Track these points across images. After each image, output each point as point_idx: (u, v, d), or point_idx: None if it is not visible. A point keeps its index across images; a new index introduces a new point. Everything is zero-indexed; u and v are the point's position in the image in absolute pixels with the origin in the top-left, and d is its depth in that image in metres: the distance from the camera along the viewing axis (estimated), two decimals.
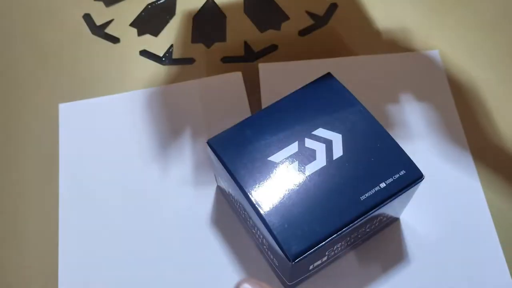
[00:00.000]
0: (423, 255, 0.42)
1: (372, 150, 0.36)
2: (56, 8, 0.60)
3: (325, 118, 0.37)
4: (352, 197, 0.34)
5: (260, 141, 0.36)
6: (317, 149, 0.36)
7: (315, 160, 0.35)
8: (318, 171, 0.35)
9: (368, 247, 0.42)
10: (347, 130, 0.37)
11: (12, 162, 0.49)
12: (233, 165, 0.36)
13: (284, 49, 0.56)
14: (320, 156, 0.35)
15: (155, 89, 0.52)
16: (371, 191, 0.34)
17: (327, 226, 0.33)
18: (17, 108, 0.52)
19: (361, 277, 0.41)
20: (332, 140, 0.36)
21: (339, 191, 0.34)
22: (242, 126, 0.38)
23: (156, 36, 0.57)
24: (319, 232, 0.33)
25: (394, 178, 0.35)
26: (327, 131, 0.36)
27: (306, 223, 0.33)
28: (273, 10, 0.59)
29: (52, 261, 0.44)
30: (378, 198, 0.34)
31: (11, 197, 0.47)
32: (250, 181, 0.35)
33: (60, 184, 0.47)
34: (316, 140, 0.36)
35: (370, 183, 0.34)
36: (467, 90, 0.52)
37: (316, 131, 0.37)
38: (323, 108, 0.38)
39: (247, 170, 0.35)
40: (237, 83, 0.52)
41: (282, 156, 0.36)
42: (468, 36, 0.56)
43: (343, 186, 0.34)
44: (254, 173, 0.35)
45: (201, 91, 0.52)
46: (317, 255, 0.34)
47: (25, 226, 0.45)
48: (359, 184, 0.34)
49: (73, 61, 0.55)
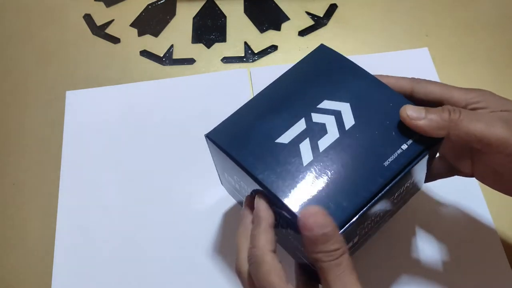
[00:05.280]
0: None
1: (385, 113, 0.33)
2: (56, 9, 0.60)
3: (328, 89, 0.34)
4: (375, 164, 0.31)
5: (263, 125, 0.33)
6: (326, 122, 0.33)
7: (327, 133, 0.32)
8: (332, 144, 0.32)
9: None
10: (353, 97, 0.34)
11: (14, 153, 0.49)
12: (240, 155, 0.32)
13: (284, 49, 0.56)
14: (331, 128, 0.33)
15: (161, 81, 0.53)
16: (393, 155, 0.31)
17: (355, 201, 0.30)
18: (17, 106, 0.52)
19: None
20: (340, 111, 0.33)
21: (359, 161, 0.31)
22: (240, 113, 0.35)
23: (156, 36, 0.58)
24: (348, 208, 0.30)
25: (415, 138, 0.32)
26: (333, 102, 0.34)
27: (332, 201, 0.30)
28: (273, 10, 0.60)
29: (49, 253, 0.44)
30: (402, 161, 0.31)
31: (12, 188, 0.47)
32: (262, 169, 0.31)
33: (61, 173, 0.47)
34: (323, 113, 0.33)
35: (391, 147, 0.32)
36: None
37: (321, 104, 0.34)
38: (323, 79, 0.35)
39: (256, 157, 0.32)
40: (242, 79, 0.53)
41: (290, 136, 0.32)
42: (467, 37, 0.56)
43: (362, 155, 0.31)
44: (264, 159, 0.32)
45: (206, 86, 0.52)
46: (349, 234, 0.31)
47: (24, 221, 0.46)
48: (379, 150, 0.32)
49: (73, 61, 0.56)
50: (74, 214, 0.45)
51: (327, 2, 0.60)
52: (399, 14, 0.58)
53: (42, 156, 0.49)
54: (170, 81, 0.53)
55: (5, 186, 0.48)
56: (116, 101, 0.52)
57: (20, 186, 0.48)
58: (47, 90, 0.53)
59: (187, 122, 0.50)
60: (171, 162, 0.48)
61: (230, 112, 0.35)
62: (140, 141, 0.49)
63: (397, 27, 0.57)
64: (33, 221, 0.46)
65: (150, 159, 0.48)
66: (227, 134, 0.34)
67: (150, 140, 0.49)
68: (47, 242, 0.44)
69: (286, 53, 0.56)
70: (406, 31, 0.57)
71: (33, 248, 0.44)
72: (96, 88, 0.53)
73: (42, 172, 0.48)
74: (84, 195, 0.46)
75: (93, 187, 0.47)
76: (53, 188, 0.47)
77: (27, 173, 0.48)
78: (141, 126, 0.50)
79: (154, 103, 0.52)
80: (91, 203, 0.46)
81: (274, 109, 0.34)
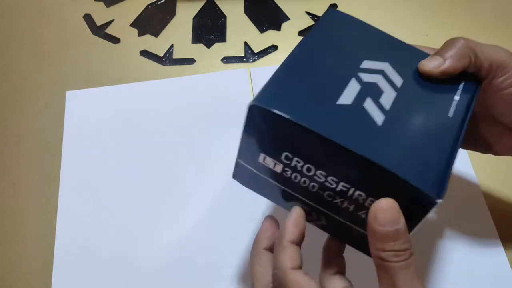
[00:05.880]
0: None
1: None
2: (56, 9, 0.60)
3: (361, 50, 0.32)
4: (440, 115, 0.30)
5: (315, 86, 0.29)
6: (377, 82, 0.31)
7: (384, 92, 0.30)
8: (394, 102, 0.30)
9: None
10: (389, 56, 0.33)
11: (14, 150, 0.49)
12: (311, 122, 0.27)
13: (284, 49, 0.56)
14: (385, 87, 0.31)
15: (161, 81, 0.53)
16: (451, 106, 0.31)
17: (444, 150, 0.28)
18: (17, 105, 0.52)
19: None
20: (383, 70, 0.32)
21: (425, 115, 0.30)
22: (282, 76, 0.30)
23: (156, 36, 0.58)
24: (441, 158, 0.28)
25: (460, 88, 0.32)
26: (373, 62, 0.32)
27: (424, 155, 0.28)
28: (273, 10, 0.60)
29: (49, 250, 0.44)
30: (461, 110, 0.31)
31: (11, 185, 0.47)
32: (343, 134, 0.27)
33: (61, 173, 0.47)
34: (370, 72, 0.31)
35: (445, 99, 0.31)
36: None
37: (363, 64, 0.31)
38: (349, 41, 0.33)
39: (329, 123, 0.27)
40: (242, 79, 0.53)
41: (350, 96, 0.29)
42: (467, 36, 0.56)
43: (425, 110, 0.30)
44: (339, 123, 0.28)
45: (206, 86, 0.52)
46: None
47: (24, 221, 0.46)
48: (437, 103, 0.31)
49: (73, 61, 0.56)
50: (74, 214, 0.45)
51: (327, 2, 0.60)
52: (399, 14, 0.58)
53: (42, 156, 0.49)
54: (170, 81, 0.53)
55: (5, 186, 0.48)
56: (116, 101, 0.52)
57: (20, 186, 0.48)
58: (47, 90, 0.53)
59: (187, 122, 0.50)
60: (171, 162, 0.48)
61: (230, 112, 0.34)
62: (140, 141, 0.49)
63: (397, 27, 0.57)
64: (33, 221, 0.46)
65: (150, 159, 0.48)
66: (279, 99, 0.28)
67: (149, 140, 0.49)
68: (47, 242, 0.44)
69: (286, 53, 0.55)
70: (406, 31, 0.57)
71: (33, 248, 0.44)
72: (96, 88, 0.53)
73: (42, 172, 0.48)
74: (84, 195, 0.46)
75: (93, 187, 0.47)
76: (53, 188, 0.47)
77: (27, 173, 0.48)
78: (141, 126, 0.50)
79: (154, 103, 0.52)
80: (91, 203, 0.46)
81: (318, 71, 0.30)
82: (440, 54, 0.32)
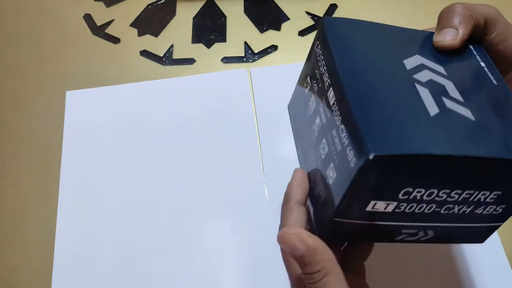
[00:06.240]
0: None
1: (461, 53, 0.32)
2: (56, 9, 0.60)
3: (391, 52, 0.31)
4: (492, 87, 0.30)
5: (395, 108, 0.27)
6: (431, 78, 0.30)
7: (444, 85, 0.29)
8: (459, 91, 0.29)
9: None
10: (411, 47, 0.32)
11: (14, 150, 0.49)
12: (436, 147, 0.25)
13: (284, 49, 0.56)
14: (439, 79, 0.30)
15: (161, 81, 0.53)
16: (487, 73, 0.31)
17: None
18: (17, 105, 0.52)
19: None
20: (422, 63, 0.31)
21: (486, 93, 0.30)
22: (361, 111, 0.26)
23: (156, 36, 0.58)
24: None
25: (474, 52, 0.32)
26: (408, 59, 0.31)
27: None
28: (273, 10, 0.60)
29: (50, 250, 0.44)
30: (495, 73, 0.31)
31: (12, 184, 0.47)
32: (467, 145, 0.26)
33: (61, 173, 0.47)
34: (418, 71, 0.30)
35: (478, 69, 0.31)
36: None
37: (406, 66, 0.30)
38: (373, 47, 0.31)
39: (448, 140, 0.26)
40: (242, 79, 0.53)
41: (432, 104, 0.28)
42: None
43: (481, 87, 0.30)
44: (455, 135, 0.26)
45: (206, 86, 0.52)
46: None
47: (24, 221, 0.46)
48: (480, 76, 0.31)
49: (73, 61, 0.56)
50: (74, 214, 0.45)
51: (327, 2, 0.60)
52: (399, 14, 0.58)
53: (42, 156, 0.49)
54: (170, 81, 0.53)
55: (5, 186, 0.48)
56: (116, 101, 0.52)
57: (20, 186, 0.48)
58: (47, 90, 0.53)
59: (187, 122, 0.50)
60: (171, 161, 0.48)
61: (230, 112, 0.34)
62: (140, 140, 0.49)
63: (398, 24, 0.57)
64: (33, 221, 0.46)
65: (150, 159, 0.48)
66: (397, 137, 0.25)
67: (149, 140, 0.49)
68: (47, 242, 0.44)
69: (286, 53, 0.56)
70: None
71: (33, 248, 0.44)
72: (96, 88, 0.53)
73: (42, 172, 0.48)
74: (84, 195, 0.46)
75: (93, 186, 0.47)
76: (53, 188, 0.47)
77: (27, 173, 0.48)
78: (141, 126, 0.50)
79: (154, 103, 0.52)
80: (91, 203, 0.46)
81: (381, 92, 0.28)
82: (448, 25, 0.31)
